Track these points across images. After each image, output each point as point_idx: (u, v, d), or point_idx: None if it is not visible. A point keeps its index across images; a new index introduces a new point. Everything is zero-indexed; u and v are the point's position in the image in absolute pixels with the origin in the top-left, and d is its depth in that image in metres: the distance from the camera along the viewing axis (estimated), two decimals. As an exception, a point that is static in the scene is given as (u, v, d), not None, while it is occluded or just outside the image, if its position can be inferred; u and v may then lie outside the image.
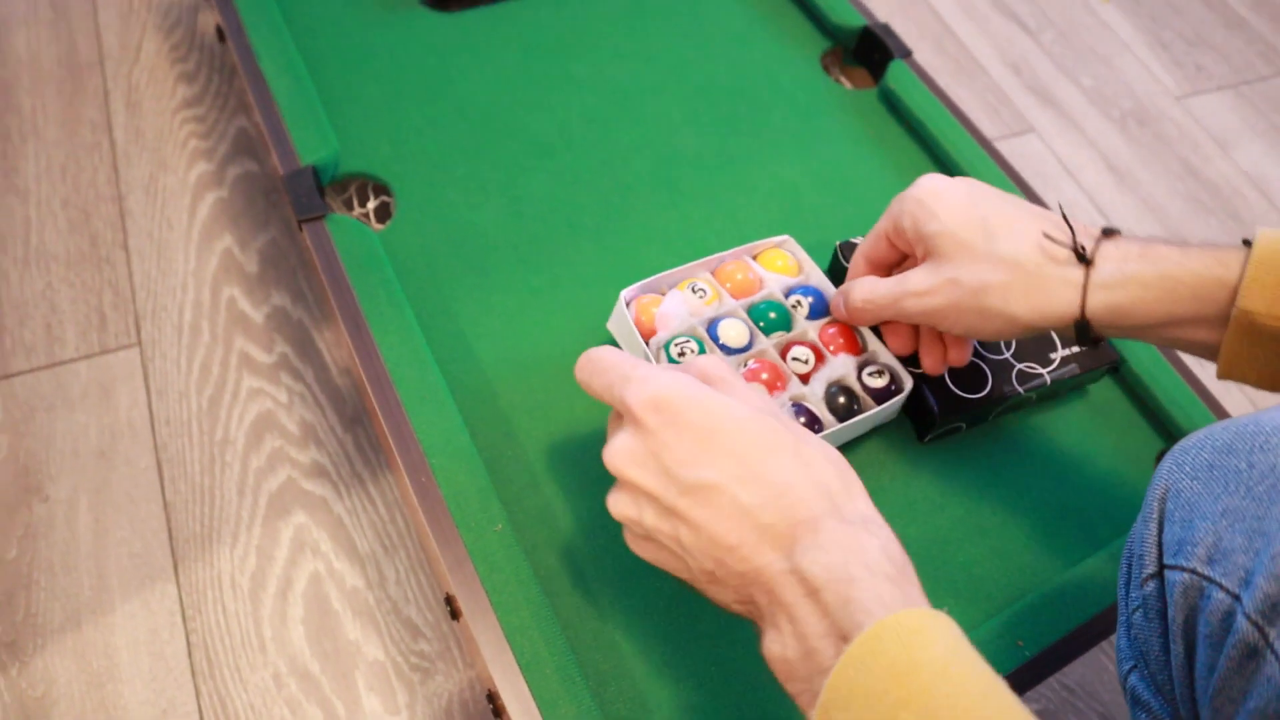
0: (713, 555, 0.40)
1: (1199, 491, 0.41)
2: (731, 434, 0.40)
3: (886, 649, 0.34)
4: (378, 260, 0.66)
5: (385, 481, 0.80)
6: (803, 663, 0.37)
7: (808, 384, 0.58)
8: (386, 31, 0.82)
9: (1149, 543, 0.42)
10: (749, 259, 0.64)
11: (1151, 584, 0.42)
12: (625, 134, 0.78)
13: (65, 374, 0.84)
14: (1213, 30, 1.34)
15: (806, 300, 0.62)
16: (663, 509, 0.41)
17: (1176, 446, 0.43)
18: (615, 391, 0.43)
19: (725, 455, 0.40)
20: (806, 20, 0.90)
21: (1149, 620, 0.43)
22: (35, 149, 0.97)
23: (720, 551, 0.40)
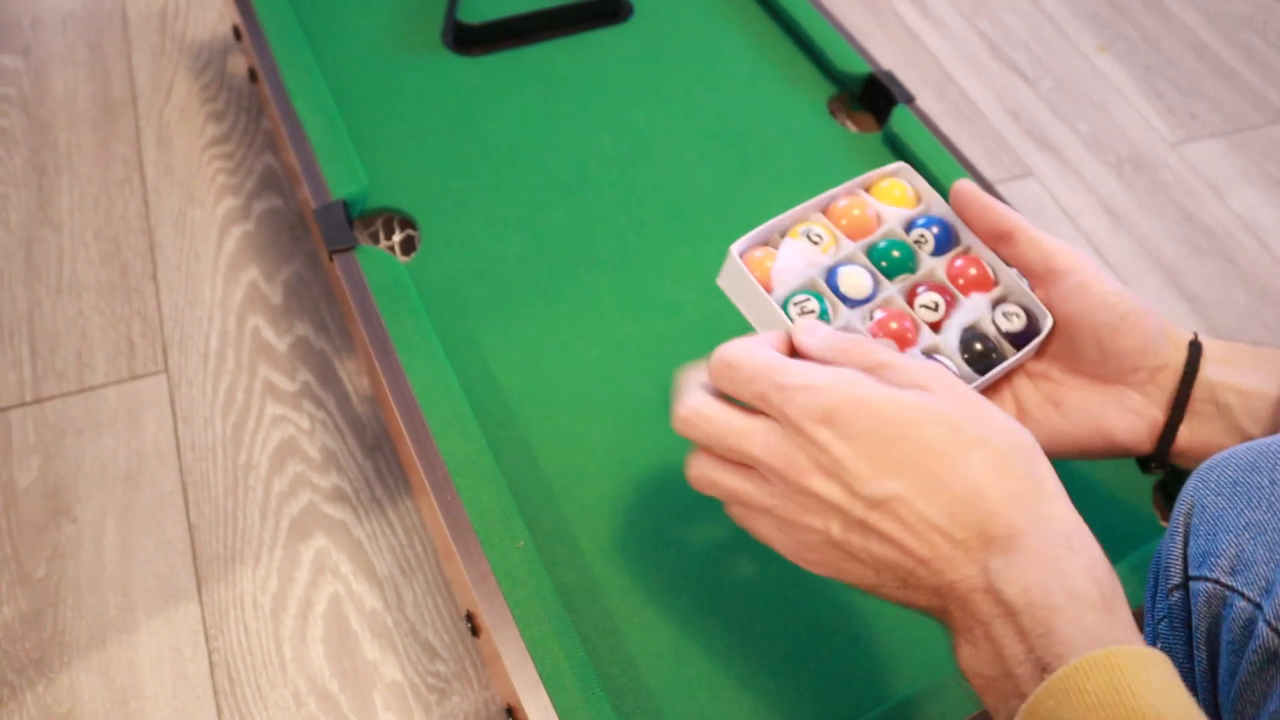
0: (904, 567, 0.38)
1: (1223, 506, 0.42)
2: (910, 439, 0.38)
3: (1091, 687, 0.32)
4: (405, 290, 0.69)
5: (404, 506, 0.82)
6: (1000, 682, 0.36)
7: (939, 333, 0.50)
8: (413, 73, 0.86)
9: (1175, 555, 0.44)
10: (863, 193, 0.55)
11: (1177, 594, 0.44)
12: (640, 173, 0.82)
13: (95, 399, 0.86)
14: (1205, 80, 1.38)
15: (930, 233, 0.53)
16: (850, 521, 0.38)
17: (1202, 465, 0.44)
18: (773, 403, 0.40)
19: (908, 464, 0.37)
20: (814, 67, 0.93)
21: (1174, 629, 0.44)
22: (70, 183, 1.01)
23: (912, 564, 0.38)
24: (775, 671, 0.57)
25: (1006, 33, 1.41)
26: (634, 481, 0.63)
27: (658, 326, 0.72)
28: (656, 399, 0.68)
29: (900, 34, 1.38)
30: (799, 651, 0.58)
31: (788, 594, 0.60)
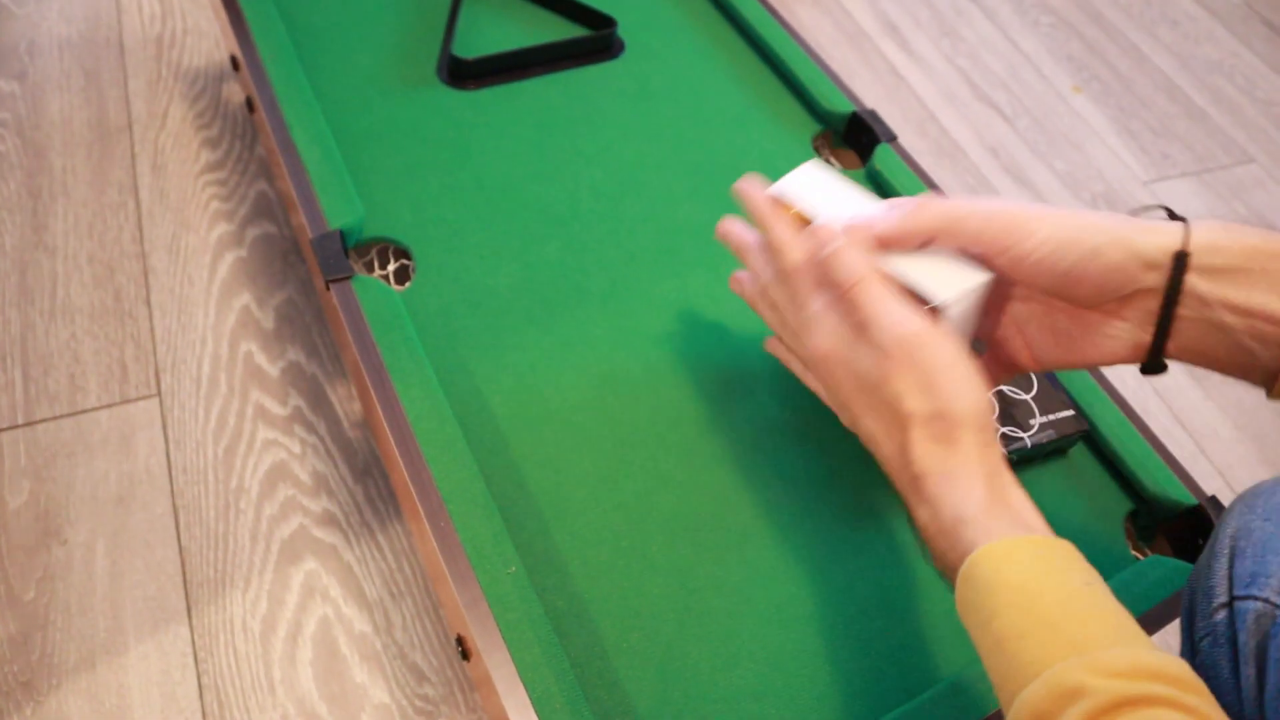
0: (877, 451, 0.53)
1: (1271, 531, 0.46)
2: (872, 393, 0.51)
3: (980, 574, 0.44)
4: (399, 319, 0.70)
5: (394, 531, 0.83)
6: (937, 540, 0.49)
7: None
8: (409, 107, 0.88)
9: (1219, 576, 0.47)
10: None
11: (1222, 614, 0.47)
12: (631, 206, 0.84)
13: (87, 422, 0.87)
14: (1176, 121, 1.43)
15: None
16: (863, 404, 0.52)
17: (1246, 493, 0.49)
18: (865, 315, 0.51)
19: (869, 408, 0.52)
20: (800, 105, 0.96)
21: (1218, 646, 0.47)
22: (64, 207, 1.02)
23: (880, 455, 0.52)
24: (760, 694, 0.58)
25: (986, 72, 1.45)
26: (623, 508, 0.65)
27: (647, 357, 0.73)
28: (645, 428, 0.69)
29: (884, 72, 1.41)
30: (784, 674, 0.59)
31: (773, 618, 0.61)
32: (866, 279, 0.50)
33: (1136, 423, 0.75)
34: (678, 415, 0.70)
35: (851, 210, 0.55)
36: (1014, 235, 0.49)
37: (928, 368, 0.48)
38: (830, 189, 0.59)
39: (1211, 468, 1.02)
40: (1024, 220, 0.49)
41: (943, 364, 0.48)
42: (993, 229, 0.50)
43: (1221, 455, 1.03)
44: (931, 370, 0.48)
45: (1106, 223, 0.48)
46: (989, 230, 0.50)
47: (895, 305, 0.50)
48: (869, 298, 0.50)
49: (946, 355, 0.48)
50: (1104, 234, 0.48)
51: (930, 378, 0.48)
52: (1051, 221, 0.49)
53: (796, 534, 0.66)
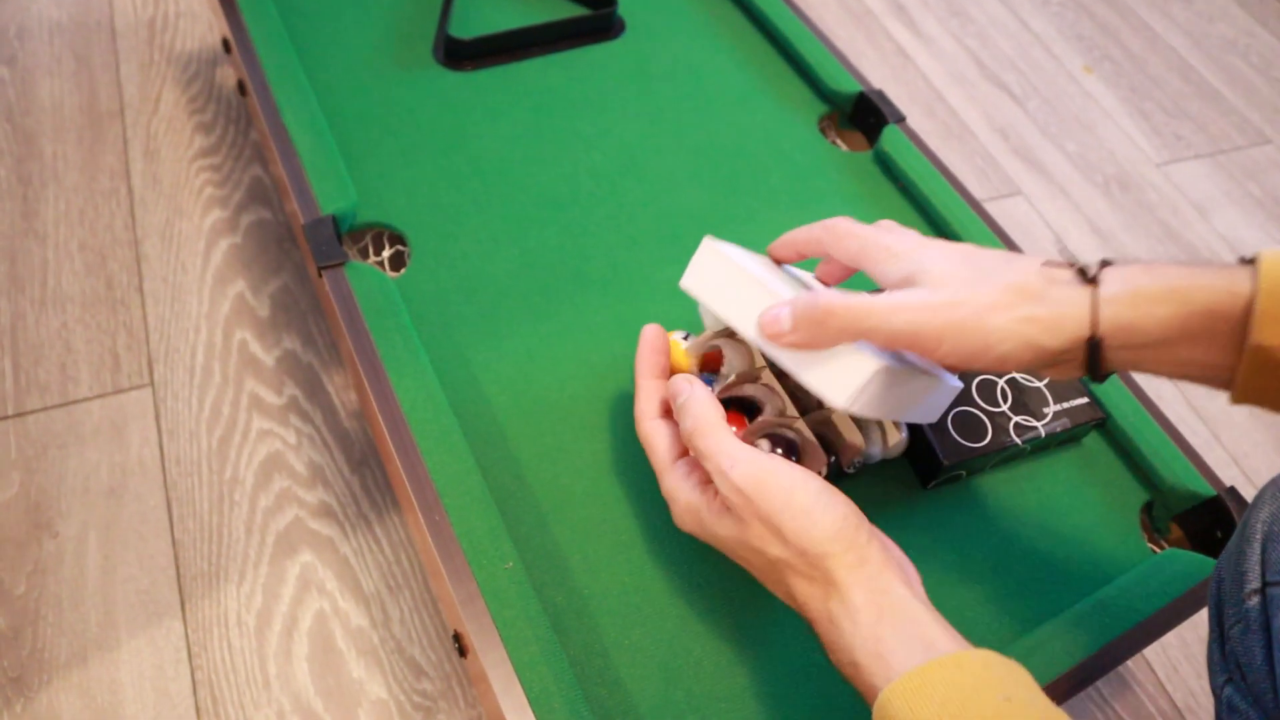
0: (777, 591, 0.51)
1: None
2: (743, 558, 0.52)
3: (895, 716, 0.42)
4: (394, 307, 0.69)
5: (391, 522, 0.82)
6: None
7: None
8: (404, 89, 0.86)
9: (1252, 562, 0.46)
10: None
11: (1255, 600, 0.45)
12: (631, 190, 0.82)
13: (78, 412, 0.85)
14: (1190, 102, 1.40)
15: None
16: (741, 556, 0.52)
17: (1279, 477, 0.48)
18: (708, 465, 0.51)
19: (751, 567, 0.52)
20: (805, 85, 0.94)
21: (1250, 634, 0.46)
22: (55, 194, 1.00)
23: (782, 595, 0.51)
24: (767, 693, 0.57)
25: (996, 52, 1.42)
26: (623, 501, 0.63)
27: (648, 345, 0.71)
28: (646, 418, 0.67)
29: (891, 53, 1.39)
30: (792, 672, 0.58)
31: (780, 614, 0.60)
32: (702, 426, 0.51)
33: (1153, 411, 0.73)
34: (680, 405, 0.68)
35: (752, 301, 0.52)
36: (922, 347, 0.47)
37: (767, 514, 0.48)
38: (729, 276, 0.54)
39: (1226, 455, 1.00)
40: (926, 338, 0.46)
41: (779, 504, 0.48)
42: (900, 343, 0.47)
43: (1236, 443, 1.01)
44: (770, 514, 0.48)
45: (1008, 325, 0.45)
46: (897, 344, 0.48)
47: (727, 445, 0.50)
48: (706, 443, 0.50)
49: (780, 493, 0.48)
50: (1007, 340, 0.45)
51: (775, 523, 0.48)
52: (952, 336, 0.46)
53: (802, 527, 0.64)
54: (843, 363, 0.49)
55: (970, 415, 0.65)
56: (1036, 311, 0.45)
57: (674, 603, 0.59)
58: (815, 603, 0.48)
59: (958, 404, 0.66)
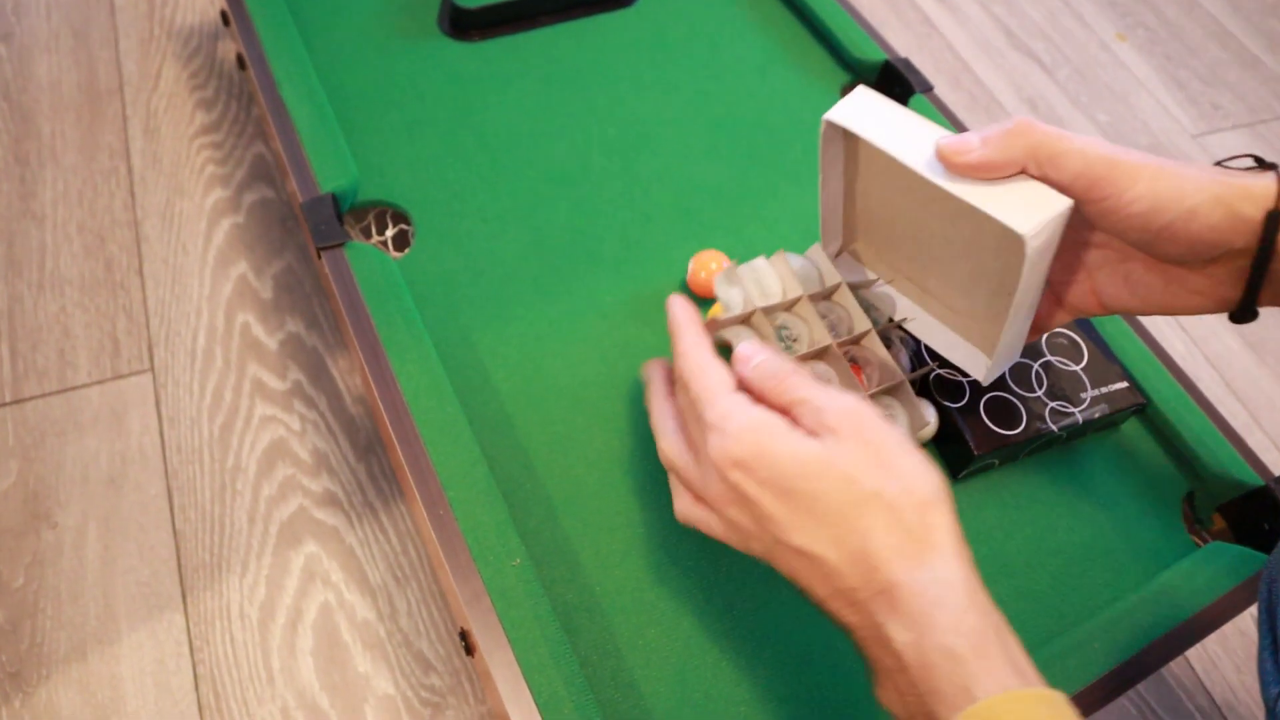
0: (816, 596, 0.42)
1: None
2: (806, 492, 0.40)
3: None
4: (397, 289, 0.65)
5: (398, 511, 0.79)
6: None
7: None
8: (407, 60, 0.82)
9: None
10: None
11: None
12: (645, 165, 0.78)
13: (77, 399, 0.83)
14: (1227, 69, 1.34)
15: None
16: (767, 547, 0.43)
17: None
18: (698, 434, 0.44)
19: (804, 513, 0.40)
20: (827, 54, 0.90)
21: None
22: (53, 174, 0.97)
23: (816, 597, 0.41)
24: (788, 697, 0.54)
25: (1024, 20, 1.37)
26: (638, 493, 0.60)
27: (663, 326, 0.68)
28: (661, 404, 0.64)
29: (915, 21, 1.34)
30: (815, 674, 0.55)
31: (801, 612, 0.57)
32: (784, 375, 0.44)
33: (1195, 395, 0.69)
34: (696, 391, 0.65)
35: (918, 138, 0.50)
36: (1112, 185, 0.44)
37: (878, 442, 0.40)
38: (891, 116, 0.52)
39: (1267, 440, 0.96)
40: (1123, 170, 0.44)
41: (891, 441, 0.41)
42: (1091, 174, 0.44)
43: (1278, 427, 0.97)
44: (880, 443, 0.40)
45: (1203, 178, 0.44)
46: (1086, 175, 0.45)
47: (822, 389, 0.43)
48: (794, 387, 0.43)
49: (889, 432, 0.41)
50: (1202, 193, 0.43)
51: (885, 455, 0.40)
52: (1150, 174, 0.44)
53: (826, 519, 0.60)
54: (1031, 194, 0.46)
55: (1004, 401, 0.62)
56: (1230, 179, 0.44)
57: (691, 600, 0.56)
58: (906, 563, 0.38)
59: (991, 389, 0.62)
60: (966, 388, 0.62)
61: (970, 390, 0.62)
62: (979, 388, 0.62)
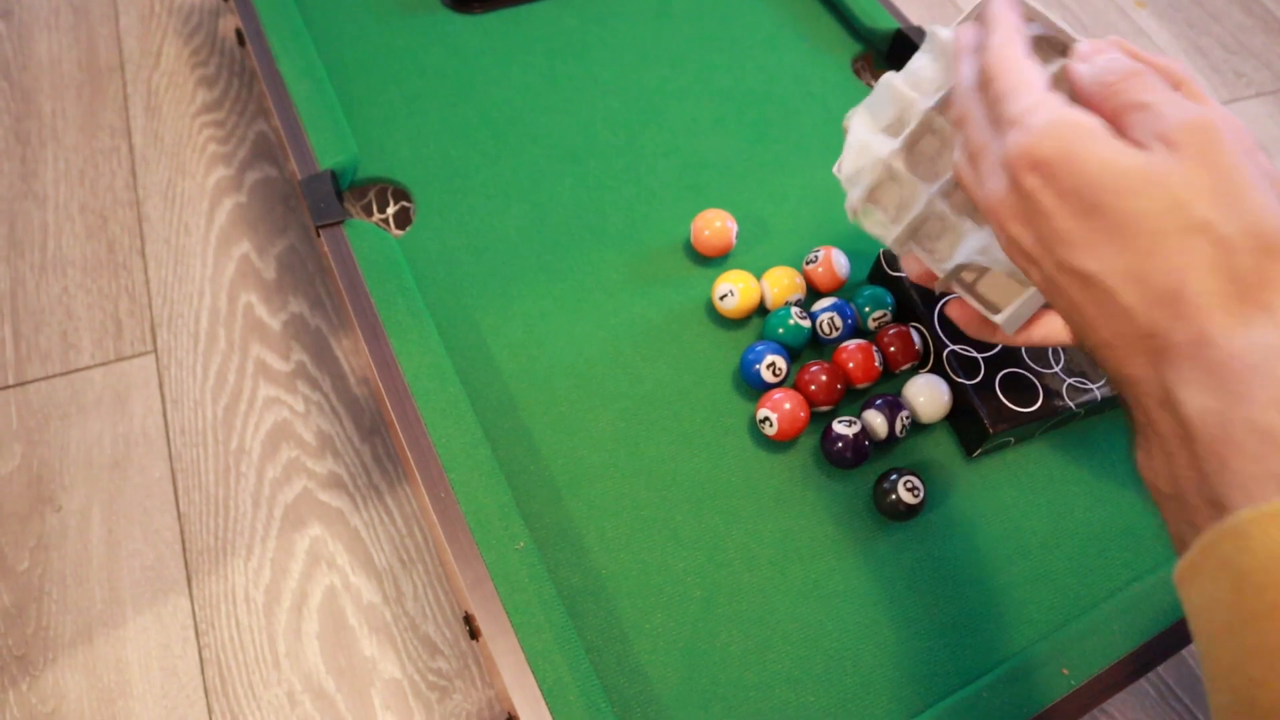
0: (1089, 338, 0.34)
1: None
2: (1116, 210, 0.32)
3: (1272, 538, 0.27)
4: (397, 267, 0.64)
5: (403, 493, 0.78)
6: (1174, 501, 0.32)
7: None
8: (408, 34, 0.81)
9: None
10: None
11: None
12: (651, 139, 0.76)
13: (80, 381, 0.82)
14: (1252, 36, 1.31)
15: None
16: (1043, 274, 0.35)
17: None
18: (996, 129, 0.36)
19: (1106, 237, 0.32)
20: (837, 24, 0.87)
21: None
22: (54, 153, 0.96)
23: (1096, 339, 0.34)
24: (796, 680, 0.53)
25: (1040, -14, 1.33)
26: (644, 474, 0.59)
27: (669, 304, 0.67)
28: (669, 384, 0.63)
29: (927, -11, 1.31)
30: (823, 657, 0.53)
31: (810, 594, 0.55)
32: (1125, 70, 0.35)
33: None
34: (704, 369, 0.64)
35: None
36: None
37: (1230, 166, 0.31)
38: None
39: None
40: None
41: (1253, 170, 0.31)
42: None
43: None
44: (1234, 172, 0.31)
45: None
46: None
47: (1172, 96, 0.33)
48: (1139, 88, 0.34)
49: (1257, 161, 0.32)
50: None
51: (1237, 182, 0.31)
52: None
53: (836, 501, 0.59)
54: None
55: (1019, 377, 0.60)
56: None
57: (698, 583, 0.55)
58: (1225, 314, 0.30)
59: (1007, 365, 0.61)
60: (981, 364, 0.61)
61: (985, 366, 0.60)
62: (994, 364, 0.61)
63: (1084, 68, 0.36)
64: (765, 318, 0.65)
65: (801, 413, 0.59)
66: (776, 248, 0.70)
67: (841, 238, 0.72)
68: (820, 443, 0.59)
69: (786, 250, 0.70)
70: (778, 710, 0.51)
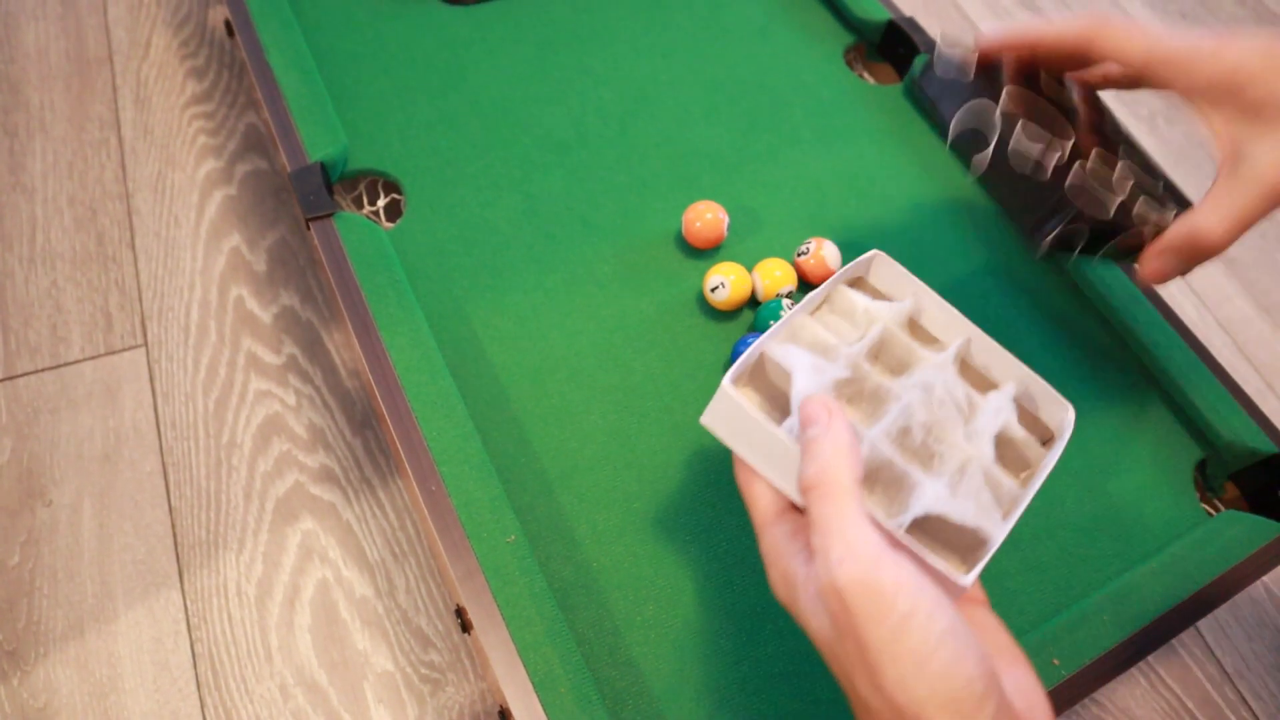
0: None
1: None
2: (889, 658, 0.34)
3: None
4: (387, 260, 0.64)
5: (395, 487, 0.78)
6: None
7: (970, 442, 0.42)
8: (398, 24, 0.80)
9: None
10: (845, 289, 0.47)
11: None
12: (642, 130, 0.76)
13: (70, 375, 0.82)
14: (1244, 28, 1.30)
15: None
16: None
17: None
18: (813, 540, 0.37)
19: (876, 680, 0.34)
20: (829, 14, 0.87)
21: None
22: (42, 145, 0.95)
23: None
24: (788, 673, 0.53)
25: (1033, -24, 1.33)
26: (635, 467, 0.59)
27: (661, 296, 0.67)
28: (660, 376, 0.63)
29: (920, -21, 1.30)
30: (814, 653, 0.53)
31: (801, 588, 0.55)
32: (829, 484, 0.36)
33: (1207, 360, 0.67)
34: (696, 361, 0.64)
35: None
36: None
37: (866, 641, 0.33)
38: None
39: (1280, 405, 0.94)
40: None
41: (886, 633, 0.33)
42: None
43: (1292, 393, 0.95)
44: (869, 643, 0.33)
45: None
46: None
47: (850, 529, 0.35)
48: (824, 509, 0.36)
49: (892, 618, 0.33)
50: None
51: (871, 656, 0.33)
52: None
53: (828, 492, 0.59)
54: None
55: None
56: None
57: (690, 575, 0.55)
58: None
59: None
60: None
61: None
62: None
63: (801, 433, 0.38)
64: (757, 309, 0.65)
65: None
66: (768, 239, 0.70)
67: (832, 229, 0.72)
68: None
69: (778, 242, 0.70)
70: (769, 701, 0.52)
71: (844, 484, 0.36)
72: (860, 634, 0.33)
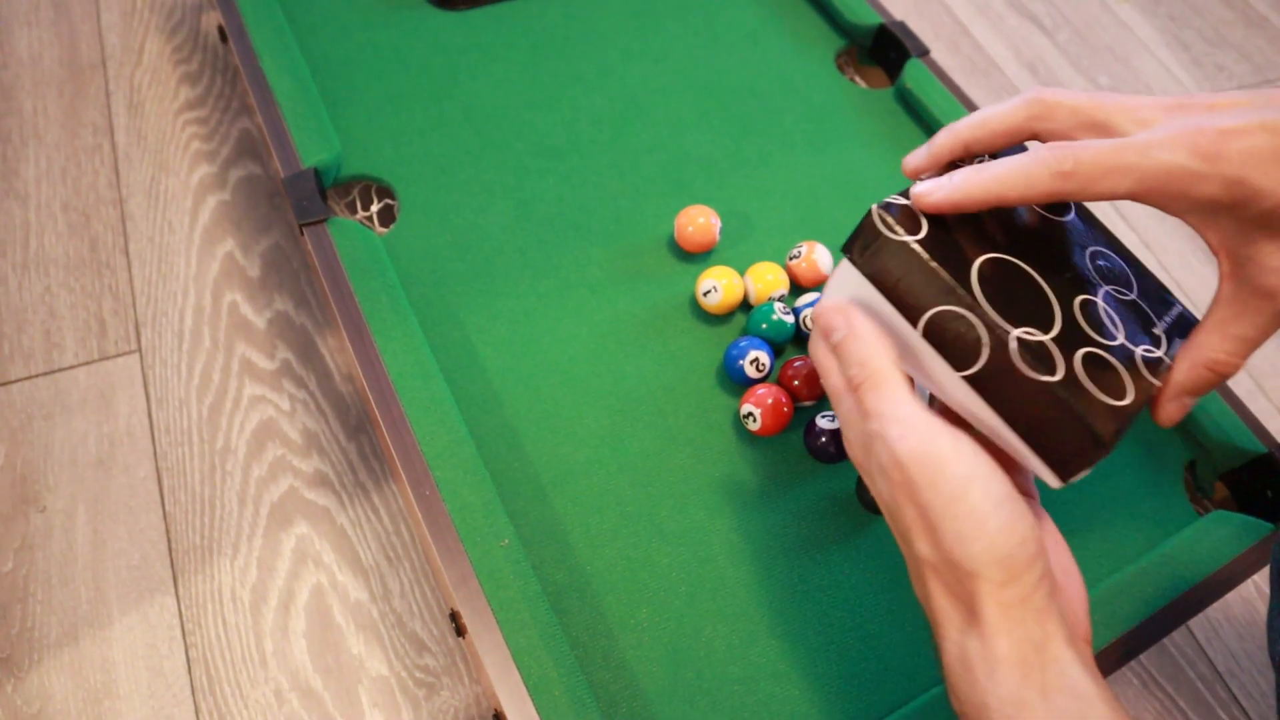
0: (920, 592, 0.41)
1: None
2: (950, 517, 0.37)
3: None
4: (381, 265, 0.64)
5: (389, 491, 0.78)
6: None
7: None
8: (391, 30, 0.80)
9: None
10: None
11: None
12: (635, 135, 0.76)
13: (64, 381, 0.82)
14: (1233, 29, 1.31)
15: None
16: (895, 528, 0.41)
17: None
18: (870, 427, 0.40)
19: (935, 537, 0.37)
20: (821, 19, 0.87)
21: None
22: (36, 151, 0.95)
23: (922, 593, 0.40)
24: (781, 675, 0.53)
25: (1023, -20, 1.34)
26: (628, 471, 0.59)
27: (654, 301, 0.67)
28: (653, 381, 0.63)
29: (911, -17, 1.31)
30: (808, 651, 0.54)
31: (795, 589, 0.56)
32: (871, 377, 0.40)
33: (1197, 363, 0.68)
34: (688, 365, 0.64)
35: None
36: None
37: (926, 504, 0.37)
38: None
39: (1271, 406, 0.95)
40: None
41: (945, 496, 0.36)
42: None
43: (1281, 393, 0.96)
44: (929, 506, 0.37)
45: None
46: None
47: (902, 408, 0.38)
48: (874, 399, 0.39)
49: (950, 483, 0.36)
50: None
51: (931, 517, 0.37)
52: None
53: (819, 496, 0.59)
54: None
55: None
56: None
57: (683, 578, 0.56)
58: (951, 629, 0.38)
59: None
60: None
61: None
62: None
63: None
64: (749, 313, 0.65)
65: (785, 408, 0.59)
66: (760, 243, 0.71)
67: (824, 233, 0.72)
68: (804, 438, 0.60)
69: (770, 246, 0.70)
70: (763, 704, 0.52)
71: (885, 370, 0.39)
72: (921, 498, 0.37)
